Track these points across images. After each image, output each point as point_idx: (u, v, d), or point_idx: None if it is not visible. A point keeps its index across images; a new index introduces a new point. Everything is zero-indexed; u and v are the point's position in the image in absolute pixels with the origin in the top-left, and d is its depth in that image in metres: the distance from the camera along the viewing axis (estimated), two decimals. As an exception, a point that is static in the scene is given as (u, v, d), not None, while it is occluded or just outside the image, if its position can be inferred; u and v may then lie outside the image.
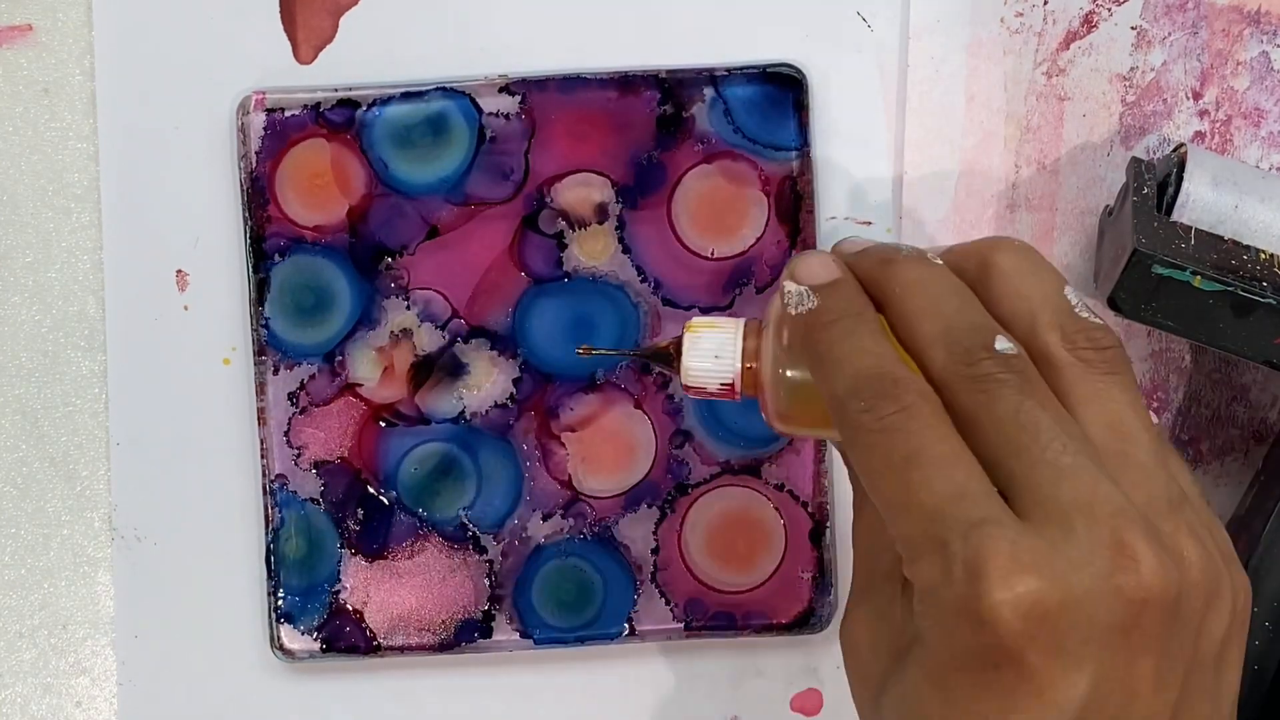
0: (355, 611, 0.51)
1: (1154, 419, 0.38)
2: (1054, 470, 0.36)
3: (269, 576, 0.51)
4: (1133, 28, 0.51)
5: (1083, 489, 0.35)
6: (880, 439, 0.36)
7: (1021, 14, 0.51)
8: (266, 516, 0.51)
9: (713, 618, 0.51)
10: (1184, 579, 0.36)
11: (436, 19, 0.51)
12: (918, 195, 0.51)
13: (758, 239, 0.51)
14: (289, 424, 0.51)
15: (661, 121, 0.51)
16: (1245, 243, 0.47)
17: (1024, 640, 0.34)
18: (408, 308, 0.51)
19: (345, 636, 0.51)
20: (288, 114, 0.51)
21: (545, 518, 0.51)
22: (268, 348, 0.51)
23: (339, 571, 0.51)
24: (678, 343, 0.41)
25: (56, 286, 0.52)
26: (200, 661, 0.52)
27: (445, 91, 0.51)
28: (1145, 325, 0.47)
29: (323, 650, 0.51)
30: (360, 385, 0.51)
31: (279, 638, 0.51)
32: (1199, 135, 0.51)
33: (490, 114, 0.51)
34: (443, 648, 0.51)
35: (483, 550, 0.51)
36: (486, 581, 0.51)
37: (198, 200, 0.51)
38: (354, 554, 0.51)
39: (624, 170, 0.51)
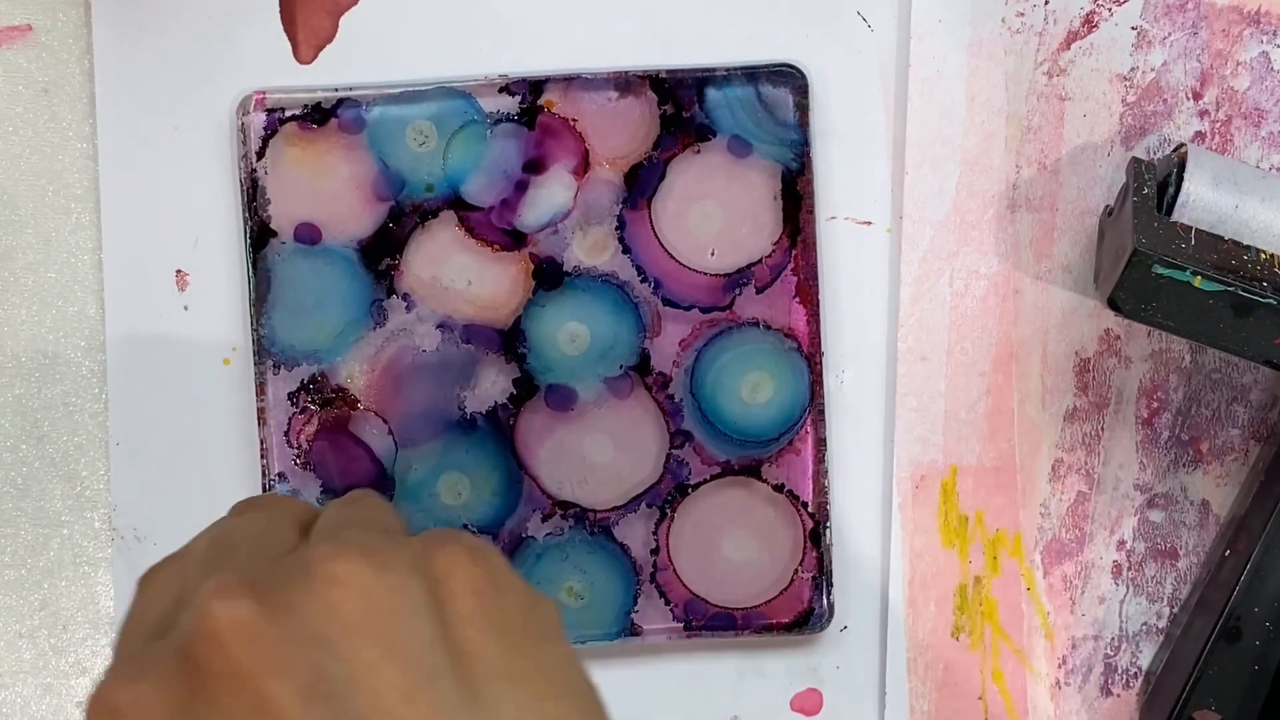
0: (355, 611, 0.51)
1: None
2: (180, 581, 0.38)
3: (269, 576, 0.51)
4: (1133, 28, 0.51)
5: (189, 576, 0.37)
6: None
7: (1022, 14, 0.51)
8: (266, 516, 0.51)
9: (713, 618, 0.51)
10: (274, 593, 0.34)
11: (436, 19, 0.51)
12: (918, 195, 0.51)
13: (758, 239, 0.51)
14: (289, 424, 0.51)
15: (661, 121, 0.51)
16: (1245, 243, 0.47)
17: None
18: (408, 308, 0.51)
19: (345, 636, 0.51)
20: (288, 114, 0.51)
21: (545, 518, 0.51)
22: (267, 348, 0.51)
23: (339, 571, 0.51)
24: None
25: (56, 286, 0.52)
26: (200, 661, 0.52)
27: (445, 91, 0.51)
28: (1145, 325, 0.47)
29: (323, 650, 0.51)
30: (360, 385, 0.51)
31: (279, 638, 0.51)
32: (1199, 135, 0.51)
33: (490, 114, 0.51)
34: (443, 648, 0.51)
35: (483, 550, 0.51)
36: (486, 581, 0.51)
37: (198, 200, 0.51)
38: (354, 554, 0.51)
39: (624, 170, 0.51)
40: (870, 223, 0.52)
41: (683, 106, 0.51)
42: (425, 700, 0.33)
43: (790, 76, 0.51)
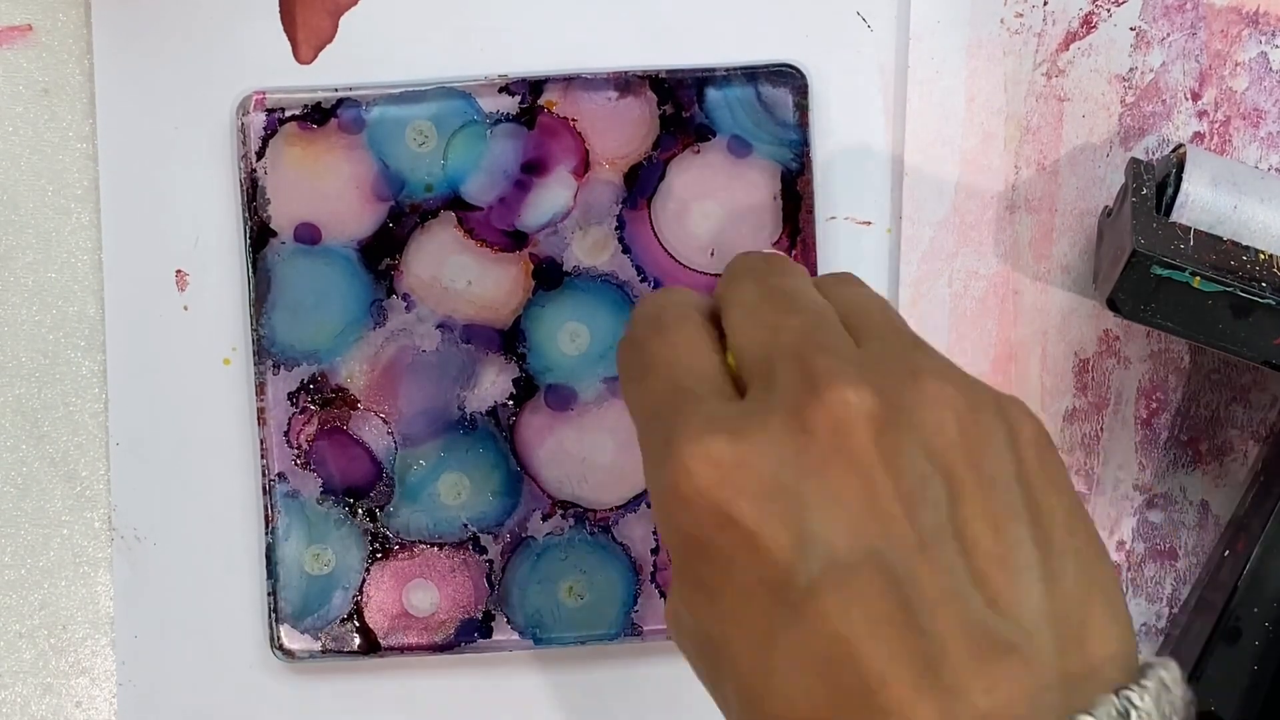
0: (355, 611, 0.51)
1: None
2: (769, 330, 0.37)
3: (269, 576, 0.51)
4: (1132, 29, 0.51)
5: (788, 339, 0.36)
6: (631, 356, 0.39)
7: (1021, 15, 0.51)
8: (266, 516, 0.51)
9: (712, 618, 0.51)
10: (888, 392, 0.35)
11: (436, 19, 0.51)
12: (918, 195, 0.51)
13: (758, 239, 0.51)
14: (289, 424, 0.51)
15: (661, 121, 0.51)
16: (1244, 243, 0.47)
17: (719, 495, 0.34)
18: (407, 308, 0.51)
19: (345, 636, 0.51)
20: (288, 114, 0.51)
21: (545, 517, 0.51)
22: (267, 348, 0.51)
23: (339, 571, 0.51)
24: None
25: (56, 286, 0.52)
26: (200, 661, 0.52)
27: (445, 91, 0.51)
28: (1144, 326, 0.47)
29: (323, 650, 0.51)
30: (360, 385, 0.51)
31: (279, 638, 0.51)
32: (1198, 136, 0.51)
33: (490, 114, 0.51)
34: (443, 648, 0.51)
35: (483, 550, 0.51)
36: (486, 581, 0.51)
37: (197, 200, 0.51)
38: (354, 554, 0.51)
39: (624, 170, 0.51)
40: (870, 223, 0.52)
41: (682, 106, 0.51)
42: (1008, 538, 0.34)
43: (790, 76, 0.51)
